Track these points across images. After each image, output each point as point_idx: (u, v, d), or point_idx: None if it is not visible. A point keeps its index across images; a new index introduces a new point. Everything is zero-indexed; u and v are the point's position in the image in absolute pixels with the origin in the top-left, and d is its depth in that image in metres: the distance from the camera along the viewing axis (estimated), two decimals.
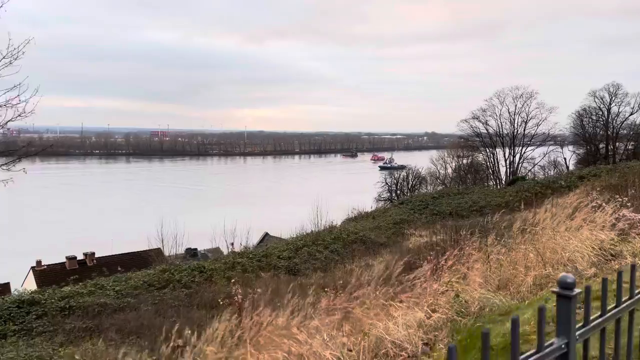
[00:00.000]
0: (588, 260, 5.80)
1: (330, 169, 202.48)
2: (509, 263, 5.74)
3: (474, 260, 6.18)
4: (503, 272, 5.67)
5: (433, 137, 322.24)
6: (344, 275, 18.83)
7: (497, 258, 5.91)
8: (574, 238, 6.00)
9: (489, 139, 59.22)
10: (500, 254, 6.02)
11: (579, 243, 6.06)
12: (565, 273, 1.88)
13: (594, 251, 6.06)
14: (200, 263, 18.95)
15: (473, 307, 4.38)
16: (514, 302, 4.61)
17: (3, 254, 54.44)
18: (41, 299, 14.61)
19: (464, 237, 6.73)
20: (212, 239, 38.10)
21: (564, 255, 5.55)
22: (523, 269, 5.63)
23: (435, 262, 5.74)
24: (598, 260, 5.94)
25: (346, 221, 30.98)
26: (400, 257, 16.23)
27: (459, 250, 6.21)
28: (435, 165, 77.98)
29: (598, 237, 6.39)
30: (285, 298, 6.71)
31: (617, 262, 6.01)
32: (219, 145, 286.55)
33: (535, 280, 5.28)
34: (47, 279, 36.41)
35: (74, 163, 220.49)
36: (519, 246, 5.98)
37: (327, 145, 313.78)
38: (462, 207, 28.62)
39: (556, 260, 5.53)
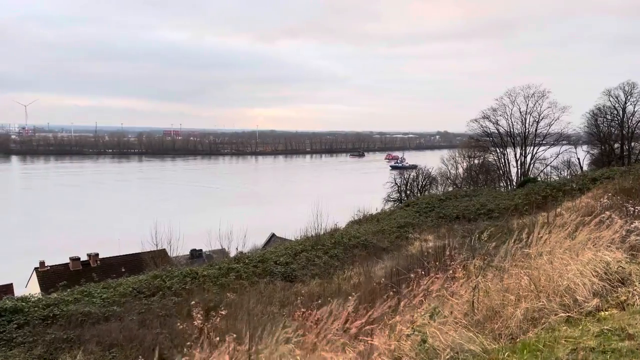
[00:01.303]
0: (590, 287, 5.01)
1: (341, 169, 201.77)
2: (498, 290, 4.97)
3: (460, 285, 5.43)
4: (490, 301, 4.90)
5: (445, 137, 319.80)
6: (342, 283, 18.14)
7: (485, 284, 5.13)
8: (573, 261, 5.20)
9: (499, 139, 57.93)
10: (488, 279, 5.24)
11: (581, 266, 5.27)
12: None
13: (598, 276, 5.26)
14: (193, 269, 18.32)
15: (443, 355, 3.63)
16: (495, 346, 3.85)
17: (15, 254, 54.75)
18: (24, 307, 14.08)
19: (450, 256, 5.98)
20: (208, 242, 37.48)
21: (561, 283, 4.76)
22: (514, 298, 4.86)
23: (412, 288, 5.00)
24: (603, 287, 5.15)
25: (350, 224, 30.21)
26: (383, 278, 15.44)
27: (442, 272, 5.47)
28: (446, 165, 76.96)
29: (603, 258, 5.58)
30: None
31: (626, 289, 5.21)
32: (231, 145, 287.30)
33: (526, 314, 4.51)
34: (50, 280, 36.14)
35: (87, 162, 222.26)
36: (511, 270, 5.20)
37: (339, 144, 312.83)
38: (469, 210, 27.69)
39: (552, 289, 4.75)
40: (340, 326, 6.44)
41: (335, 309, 7.84)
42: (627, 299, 4.73)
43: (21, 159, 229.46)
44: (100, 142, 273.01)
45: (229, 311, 14.73)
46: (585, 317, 4.36)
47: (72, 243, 57.46)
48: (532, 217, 24.24)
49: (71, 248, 49.50)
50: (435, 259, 8.76)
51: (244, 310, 14.18)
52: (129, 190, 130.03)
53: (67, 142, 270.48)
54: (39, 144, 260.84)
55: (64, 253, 45.30)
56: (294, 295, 15.75)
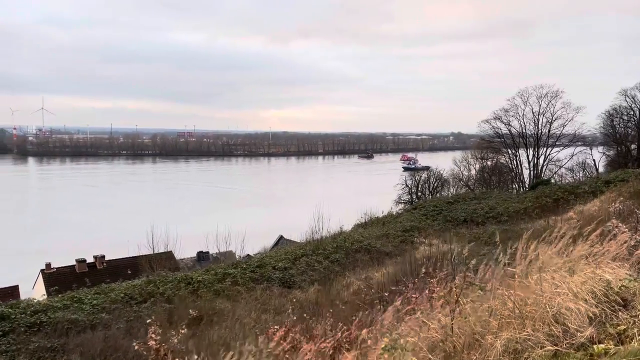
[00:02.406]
0: (586, 313, 4.35)
1: (353, 170, 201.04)
2: (480, 314, 4.35)
3: (440, 305, 4.80)
4: (470, 326, 4.27)
5: (459, 138, 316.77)
6: (340, 290, 17.51)
7: (466, 306, 4.50)
8: (567, 280, 4.55)
9: (511, 140, 56.71)
10: (470, 300, 4.61)
11: (576, 287, 4.62)
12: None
13: (596, 298, 4.60)
14: (188, 274, 17.84)
15: None
16: None
17: (27, 254, 55.07)
18: (11, 313, 13.71)
19: (427, 273, 5.35)
20: (205, 246, 37.12)
21: (549, 309, 4.10)
22: (497, 324, 4.23)
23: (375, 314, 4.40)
24: (601, 311, 4.48)
25: (356, 227, 29.56)
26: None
27: (419, 293, 4.86)
28: (458, 166, 75.91)
29: (603, 276, 4.91)
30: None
31: (627, 314, 4.54)
32: (244, 146, 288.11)
33: (508, 345, 3.88)
34: (56, 282, 36.08)
35: (102, 163, 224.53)
36: (499, 289, 4.57)
37: (351, 145, 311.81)
38: (477, 213, 26.86)
39: (540, 316, 4.10)
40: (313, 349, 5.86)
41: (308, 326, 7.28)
42: (627, 328, 4.07)
43: (38, 160, 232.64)
44: (114, 144, 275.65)
45: (217, 319, 14.25)
46: (576, 352, 3.71)
47: (83, 244, 57.65)
48: (542, 221, 23.43)
49: (83, 249, 49.59)
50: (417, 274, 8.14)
51: (232, 320, 13.68)
52: (142, 192, 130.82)
53: (83, 143, 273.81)
54: (55, 145, 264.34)
55: (75, 254, 45.41)
56: (290, 302, 15.21)
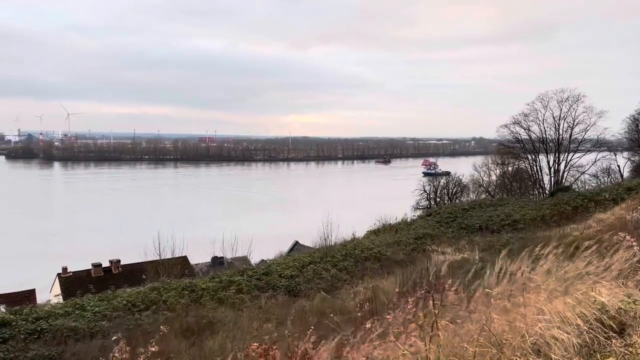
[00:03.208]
0: (576, 339, 3.91)
1: (373, 175, 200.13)
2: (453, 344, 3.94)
3: (418, 326, 4.41)
4: (444, 355, 3.88)
5: (480, 143, 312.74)
6: (346, 300, 17.09)
7: (442, 333, 4.10)
8: (555, 304, 4.11)
9: (531, 145, 55.38)
10: (447, 323, 4.21)
11: (567, 310, 4.18)
12: None
13: (587, 323, 4.16)
14: (192, 281, 17.64)
15: None
16: None
17: (49, 258, 55.95)
18: (12, 320, 13.68)
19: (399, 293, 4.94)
20: (212, 252, 37.02)
21: (528, 339, 3.67)
22: (472, 352, 3.83)
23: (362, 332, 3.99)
24: (593, 338, 4.04)
25: (368, 233, 29.08)
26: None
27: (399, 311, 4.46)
28: (478, 172, 74.75)
29: (598, 298, 4.46)
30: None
31: (621, 342, 4.10)
32: (264, 151, 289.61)
33: None
34: (72, 286, 36.48)
35: (125, 168, 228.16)
36: (475, 313, 4.15)
37: (371, 150, 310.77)
38: (493, 220, 26.13)
39: (518, 345, 3.68)
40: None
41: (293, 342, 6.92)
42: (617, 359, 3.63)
43: (63, 165, 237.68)
44: (137, 149, 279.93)
45: (218, 329, 13.97)
46: None
47: (103, 248, 58.43)
48: (558, 230, 22.63)
49: (102, 253, 50.17)
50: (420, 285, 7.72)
51: (232, 330, 13.39)
52: (163, 196, 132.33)
53: (106, 148, 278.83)
54: (79, 150, 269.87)
55: (95, 258, 45.92)
56: (294, 312, 14.88)
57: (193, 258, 45.69)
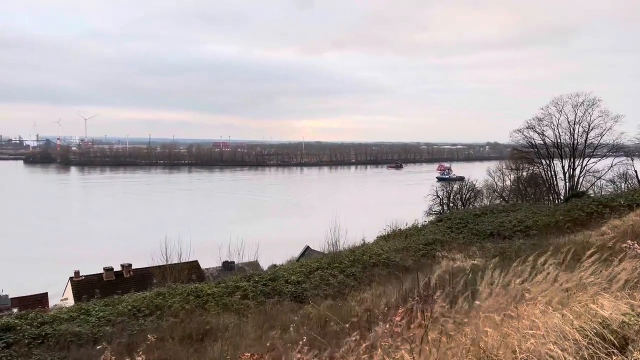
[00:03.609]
0: (573, 356, 3.68)
1: (386, 180, 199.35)
2: (443, 358, 3.72)
3: (402, 342, 4.20)
4: None
5: (495, 148, 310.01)
6: (352, 307, 16.84)
7: (430, 347, 3.88)
8: (550, 317, 3.87)
9: (545, 150, 54.53)
10: (437, 335, 3.99)
11: (566, 322, 3.94)
12: None
13: (586, 338, 3.91)
14: (198, 286, 17.54)
15: None
16: None
17: (65, 261, 56.50)
18: (17, 324, 13.69)
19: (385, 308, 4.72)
20: (219, 258, 36.99)
21: (519, 355, 3.44)
22: None
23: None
24: (592, 355, 3.79)
25: (378, 239, 28.78)
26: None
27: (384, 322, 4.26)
28: (492, 177, 74.01)
29: (599, 311, 4.21)
30: None
31: (623, 359, 3.85)
32: (277, 156, 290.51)
33: None
34: (84, 290, 36.74)
35: (140, 173, 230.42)
36: (465, 327, 3.93)
37: (384, 155, 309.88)
38: (505, 226, 25.67)
39: None
40: None
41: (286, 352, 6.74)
42: None
43: (79, 169, 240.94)
44: (152, 154, 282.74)
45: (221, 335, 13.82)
46: None
47: (116, 252, 58.84)
48: (572, 236, 22.12)
49: (115, 257, 50.55)
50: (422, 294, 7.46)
51: (235, 338, 13.23)
52: (176, 201, 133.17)
53: (122, 153, 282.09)
54: (95, 155, 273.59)
55: (107, 262, 46.33)
56: (296, 318, 14.69)
57: (204, 262, 45.82)
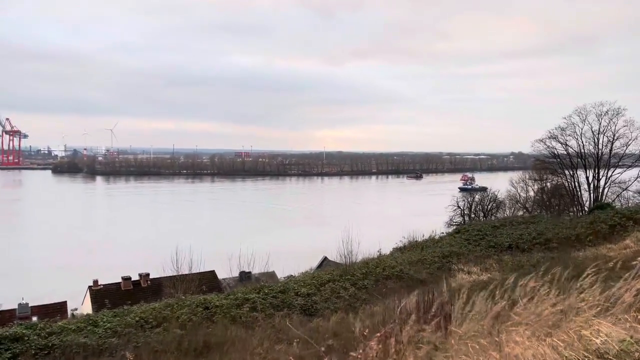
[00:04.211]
0: None
1: (408, 190, 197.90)
2: None
3: None
4: None
5: (519, 158, 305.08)
6: (362, 321, 16.49)
7: None
8: (534, 345, 3.56)
9: (568, 161, 53.17)
10: None
11: (551, 352, 3.62)
12: None
13: None
14: (207, 298, 17.41)
15: None
16: None
17: (89, 270, 57.38)
18: (25, 335, 13.74)
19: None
20: (226, 269, 36.87)
21: None
22: None
23: None
24: None
25: (394, 251, 28.35)
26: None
27: None
28: (515, 188, 72.76)
29: (593, 339, 3.87)
30: None
31: None
32: (298, 166, 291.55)
33: None
34: (102, 299, 37.17)
35: (163, 182, 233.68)
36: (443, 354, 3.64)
37: (406, 165, 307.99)
38: (524, 239, 24.96)
39: None
40: None
41: None
42: None
43: (105, 179, 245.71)
44: (176, 164, 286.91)
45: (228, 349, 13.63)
46: None
47: (137, 260, 59.45)
48: (593, 249, 21.36)
49: (136, 265, 51.05)
50: None
51: (241, 352, 13.02)
52: (198, 210, 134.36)
53: (146, 163, 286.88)
54: (121, 165, 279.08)
55: (129, 270, 46.80)
56: (308, 332, 14.42)
57: (222, 272, 45.86)
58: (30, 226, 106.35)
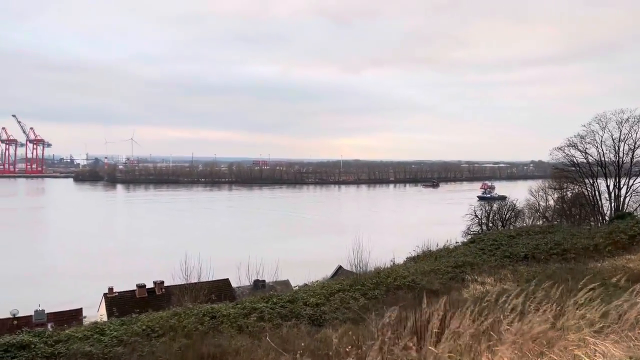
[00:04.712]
0: None
1: (425, 199, 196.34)
2: None
3: None
4: None
5: (540, 166, 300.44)
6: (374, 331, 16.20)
7: None
8: None
9: (588, 169, 52.05)
10: None
11: None
12: None
13: None
14: (215, 307, 17.28)
15: None
16: None
17: (105, 277, 57.99)
18: (32, 342, 13.77)
19: None
20: (237, 277, 36.82)
21: None
22: None
23: None
24: None
25: (407, 260, 27.94)
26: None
27: None
28: (534, 196, 71.64)
29: (586, 359, 3.62)
30: None
31: None
32: (315, 174, 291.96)
33: None
34: (117, 306, 37.47)
35: (182, 190, 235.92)
36: None
37: (424, 173, 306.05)
38: (540, 249, 24.37)
39: None
40: None
41: None
42: None
43: (125, 187, 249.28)
44: (194, 172, 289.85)
45: None
46: None
47: (153, 268, 59.89)
48: (612, 261, 20.73)
49: (151, 273, 51.43)
50: None
51: None
52: (215, 218, 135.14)
53: (165, 171, 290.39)
54: (140, 173, 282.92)
55: (144, 278, 47.14)
56: (316, 343, 14.20)
57: (236, 280, 45.84)
58: (52, 234, 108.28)
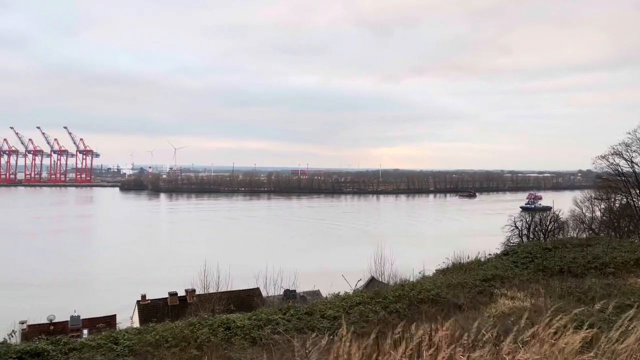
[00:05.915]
0: None
1: (465, 209, 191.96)
2: None
3: None
4: None
5: (587, 176, 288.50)
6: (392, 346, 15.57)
7: None
8: None
9: (634, 179, 49.28)
10: None
11: None
12: None
13: None
14: (230, 317, 17.04)
15: None
16: None
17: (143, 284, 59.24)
18: (47, 350, 13.92)
19: None
20: (270, 286, 36.59)
21: None
22: None
23: None
24: None
25: (436, 273, 26.99)
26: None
27: None
28: (580, 207, 68.56)
29: None
30: None
31: None
32: (353, 184, 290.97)
33: None
34: (150, 314, 38.04)
35: (222, 199, 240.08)
36: None
37: (465, 183, 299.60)
38: (577, 262, 22.95)
39: None
40: None
41: None
42: None
43: (168, 196, 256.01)
44: (235, 181, 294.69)
45: None
46: None
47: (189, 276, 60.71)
48: None
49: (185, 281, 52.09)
50: None
51: None
52: (254, 227, 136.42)
53: (207, 181, 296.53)
54: (182, 182, 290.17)
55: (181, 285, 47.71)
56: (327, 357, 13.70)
57: (270, 290, 45.70)
58: (98, 241, 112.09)
